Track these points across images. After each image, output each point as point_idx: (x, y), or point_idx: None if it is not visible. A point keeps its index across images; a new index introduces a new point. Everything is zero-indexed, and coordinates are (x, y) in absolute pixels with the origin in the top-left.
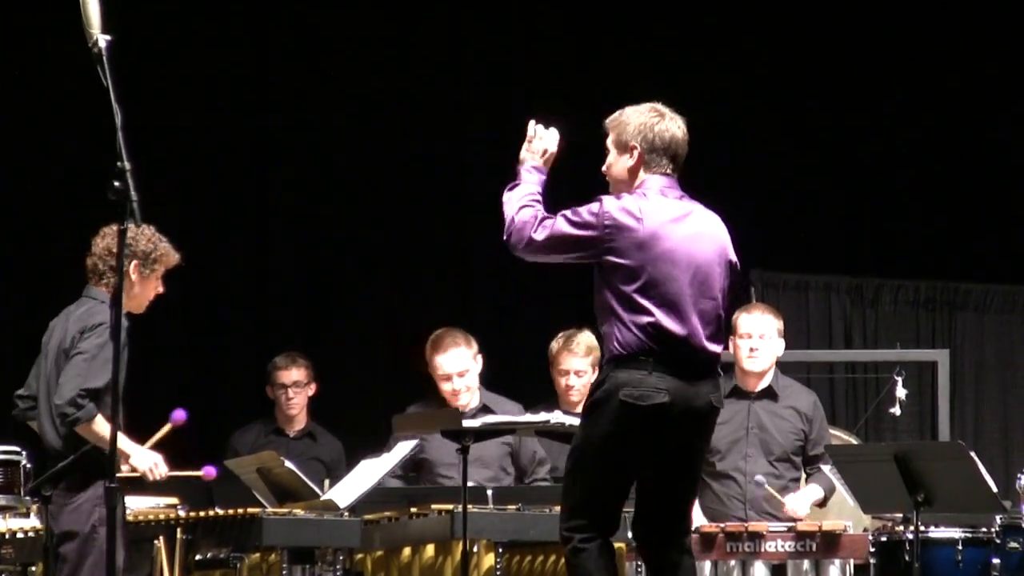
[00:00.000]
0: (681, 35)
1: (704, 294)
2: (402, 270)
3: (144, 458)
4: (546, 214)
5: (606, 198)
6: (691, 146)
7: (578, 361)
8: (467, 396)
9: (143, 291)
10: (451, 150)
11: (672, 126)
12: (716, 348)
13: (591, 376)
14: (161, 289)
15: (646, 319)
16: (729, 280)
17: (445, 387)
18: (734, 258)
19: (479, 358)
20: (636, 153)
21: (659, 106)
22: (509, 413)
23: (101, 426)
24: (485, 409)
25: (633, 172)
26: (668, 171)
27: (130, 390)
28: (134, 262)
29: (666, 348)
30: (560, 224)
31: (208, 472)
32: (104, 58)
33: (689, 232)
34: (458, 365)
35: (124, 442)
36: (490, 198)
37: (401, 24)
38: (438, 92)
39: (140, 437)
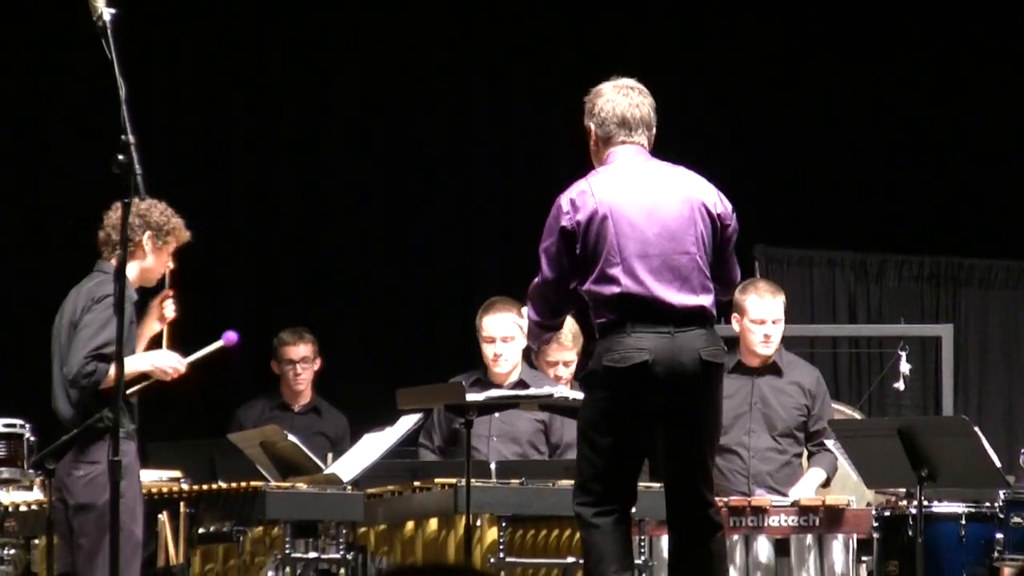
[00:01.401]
0: (685, 6)
1: (675, 249)
2: (405, 243)
3: (162, 360)
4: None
5: (561, 196)
6: (695, 122)
7: (567, 353)
8: (506, 365)
9: (156, 263)
10: (453, 124)
11: (618, 97)
12: (697, 300)
13: (575, 363)
14: (171, 265)
15: (611, 290)
16: (712, 230)
17: (487, 350)
18: (717, 209)
19: None
20: (592, 132)
21: (616, 81)
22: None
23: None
24: (522, 384)
25: (597, 148)
26: (630, 140)
27: None
28: (148, 232)
29: (640, 310)
30: (543, 256)
31: (228, 338)
32: (108, 31)
33: (649, 191)
34: (503, 330)
35: (137, 358)
36: (490, 166)
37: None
38: (442, 73)
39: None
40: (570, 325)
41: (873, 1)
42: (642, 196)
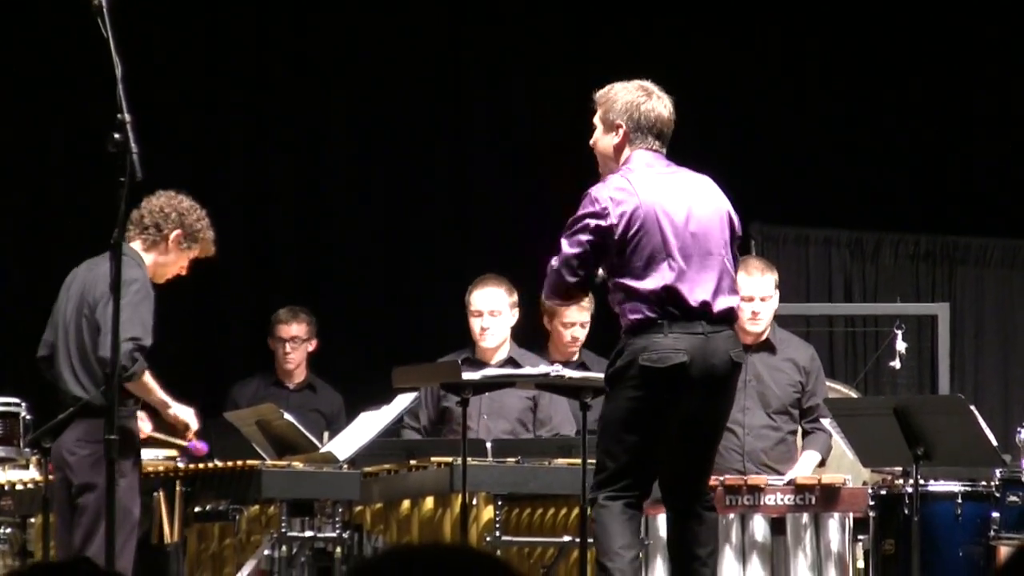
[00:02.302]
0: None
1: (709, 252)
2: (402, 224)
3: (184, 411)
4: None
5: (593, 189)
6: (693, 101)
7: (585, 314)
8: (492, 340)
9: (174, 263)
10: (451, 107)
11: (658, 105)
12: (728, 303)
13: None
14: (184, 272)
15: (656, 285)
16: (731, 237)
17: (475, 324)
18: (734, 215)
19: (516, 311)
20: (622, 132)
21: (647, 84)
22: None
23: (151, 380)
24: (511, 362)
25: (618, 149)
26: (655, 147)
27: None
28: (178, 231)
29: (678, 310)
30: (564, 244)
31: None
32: (104, 10)
33: (683, 195)
34: (491, 304)
35: (162, 394)
36: (489, 150)
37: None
38: (439, 54)
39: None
40: None
41: None
42: (680, 198)
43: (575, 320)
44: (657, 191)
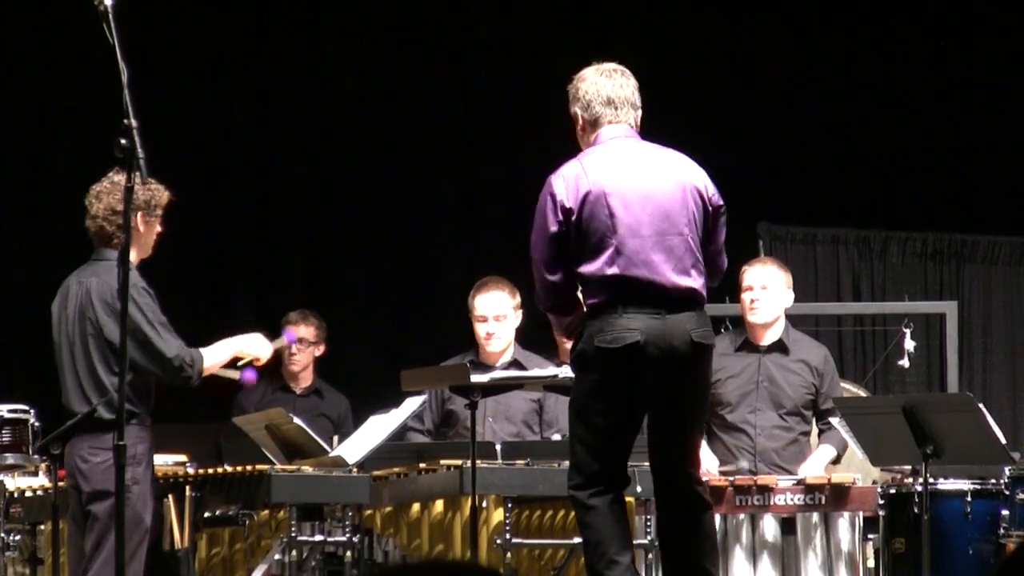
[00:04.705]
0: None
1: (668, 230)
2: (408, 224)
3: (255, 346)
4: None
5: (550, 177)
6: (698, 101)
7: None
8: (498, 344)
9: (148, 237)
10: (455, 107)
11: (601, 79)
12: (689, 282)
13: None
14: (161, 229)
15: (606, 269)
16: (704, 212)
17: (480, 329)
18: (708, 193)
19: (519, 313)
20: (579, 117)
21: (599, 65)
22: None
23: (209, 362)
24: (516, 364)
25: (584, 132)
26: (617, 120)
27: None
28: (139, 213)
29: (633, 291)
30: (534, 238)
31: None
32: (110, 16)
33: (642, 172)
34: (495, 309)
35: (223, 343)
36: (496, 154)
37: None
38: (447, 52)
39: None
40: None
41: None
42: (635, 177)
43: None
44: (609, 172)
